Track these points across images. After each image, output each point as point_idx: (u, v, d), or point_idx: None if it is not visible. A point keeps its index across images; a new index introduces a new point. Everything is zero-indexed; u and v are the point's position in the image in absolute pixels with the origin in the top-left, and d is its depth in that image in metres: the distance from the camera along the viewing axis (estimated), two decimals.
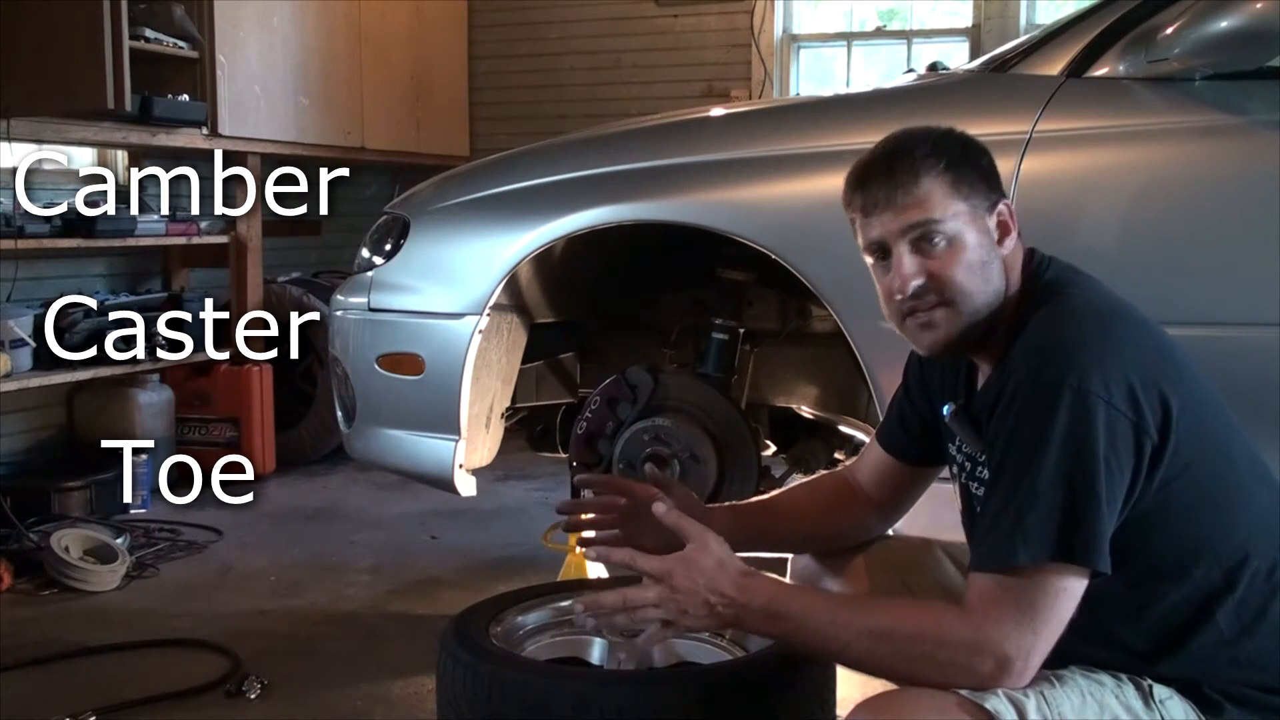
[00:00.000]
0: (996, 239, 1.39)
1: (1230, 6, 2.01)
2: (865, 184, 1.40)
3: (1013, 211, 1.41)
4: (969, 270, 1.37)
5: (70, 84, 3.52)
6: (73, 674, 2.61)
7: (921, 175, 1.37)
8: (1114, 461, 1.25)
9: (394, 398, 2.67)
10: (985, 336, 1.41)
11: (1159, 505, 1.30)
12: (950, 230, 1.37)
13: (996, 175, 1.42)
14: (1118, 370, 1.27)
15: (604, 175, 2.52)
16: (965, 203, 1.37)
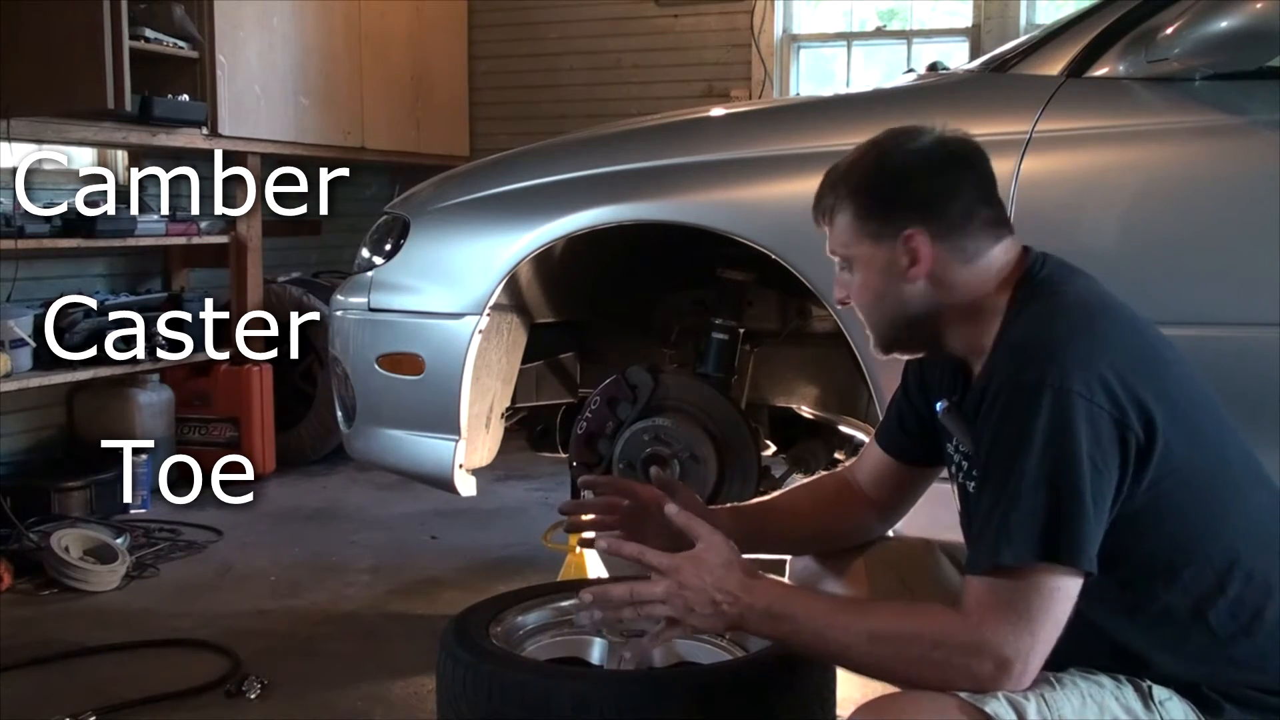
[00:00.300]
0: (905, 268, 1.43)
1: (1230, 6, 2.01)
2: (813, 212, 1.53)
3: (924, 240, 1.41)
4: (870, 298, 1.48)
5: (70, 84, 3.52)
6: (73, 674, 2.61)
7: (837, 215, 1.48)
8: (1099, 460, 1.26)
9: (394, 398, 2.67)
10: (937, 343, 1.48)
11: (1149, 505, 1.30)
12: (855, 261, 1.47)
13: (918, 197, 1.42)
14: (1100, 368, 1.27)
15: (604, 175, 2.52)
16: (868, 240, 1.45)
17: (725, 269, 2.68)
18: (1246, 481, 1.38)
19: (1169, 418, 1.29)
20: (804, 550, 1.77)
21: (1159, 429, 1.28)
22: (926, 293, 1.44)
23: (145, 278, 4.57)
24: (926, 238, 1.41)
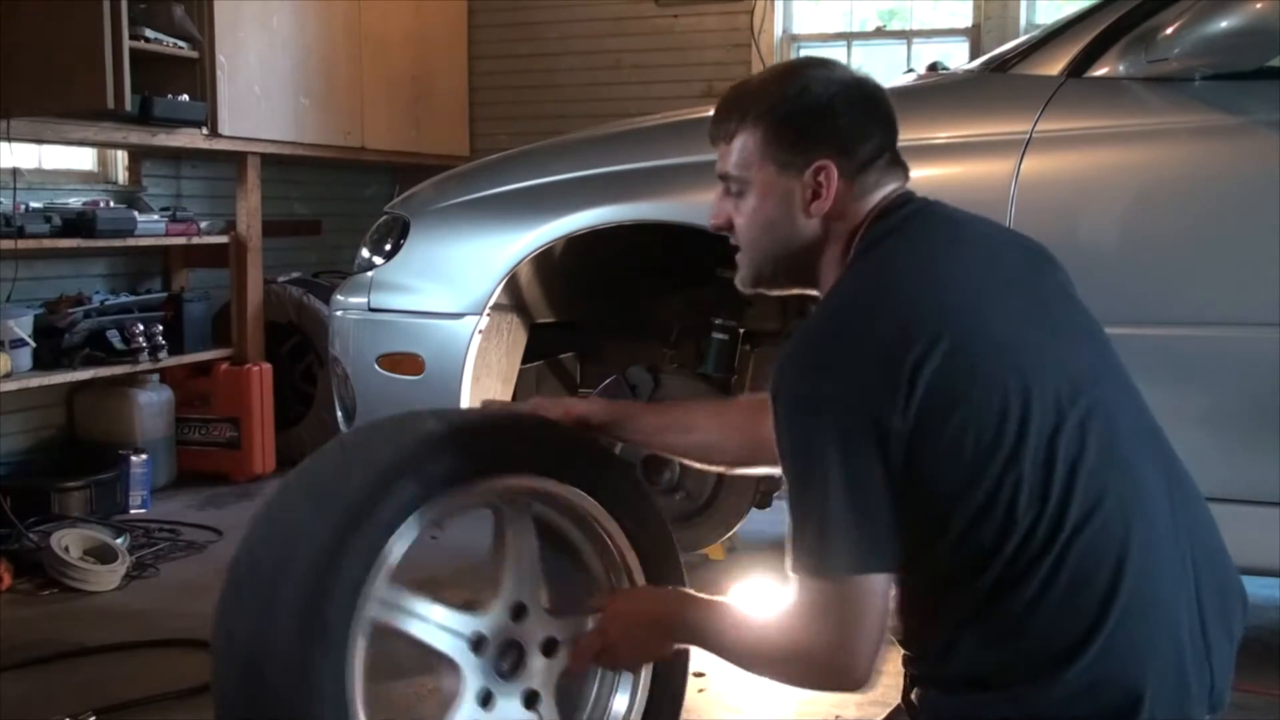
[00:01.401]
0: (806, 201, 1.41)
1: (1230, 6, 2.01)
2: (710, 125, 1.49)
3: (833, 174, 1.39)
4: (759, 226, 1.45)
5: (70, 84, 3.52)
6: (73, 674, 2.61)
7: (739, 133, 1.44)
8: (856, 462, 1.25)
9: (394, 398, 2.67)
10: (806, 284, 1.48)
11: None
12: (748, 184, 1.44)
13: (835, 131, 1.40)
14: (850, 359, 1.27)
15: (604, 175, 2.53)
16: (774, 166, 1.42)
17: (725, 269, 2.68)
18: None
19: (938, 379, 1.25)
20: (690, 458, 1.83)
21: (925, 398, 1.24)
22: (816, 229, 1.43)
23: (145, 278, 4.57)
24: (836, 173, 1.40)
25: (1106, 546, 1.25)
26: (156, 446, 4.16)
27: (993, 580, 1.26)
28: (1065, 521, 1.25)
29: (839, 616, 1.27)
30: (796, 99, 1.42)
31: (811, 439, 1.27)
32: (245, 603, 1.47)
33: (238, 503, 4.13)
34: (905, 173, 1.45)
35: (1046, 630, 1.25)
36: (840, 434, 1.26)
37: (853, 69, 1.48)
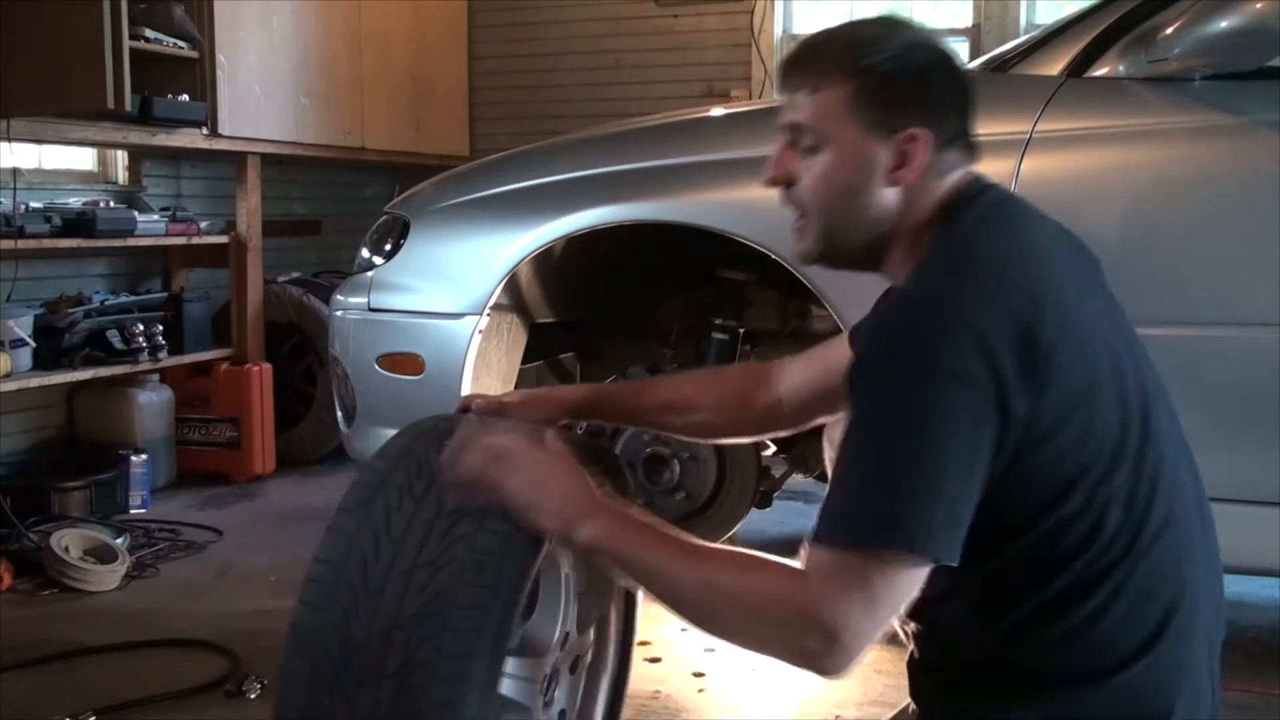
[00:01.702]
0: (889, 168, 1.31)
1: (1230, 6, 2.01)
2: (784, 70, 1.37)
3: (926, 144, 1.30)
4: (833, 189, 1.33)
5: (70, 84, 3.52)
6: (73, 674, 2.61)
7: (824, 79, 1.32)
8: (964, 445, 1.16)
9: (394, 398, 2.67)
10: (874, 261, 1.37)
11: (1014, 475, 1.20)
12: (825, 141, 1.32)
13: (931, 101, 1.31)
14: (978, 338, 1.16)
15: (604, 175, 2.53)
16: (858, 123, 1.31)
17: (725, 269, 2.69)
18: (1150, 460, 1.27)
19: (1056, 386, 1.19)
20: (676, 432, 1.76)
21: (1025, 401, 1.17)
22: (891, 202, 1.32)
23: (145, 278, 4.57)
24: (928, 143, 1.30)
25: (1171, 563, 1.25)
26: (156, 446, 4.16)
27: (1066, 584, 1.22)
28: (1143, 535, 1.23)
29: (867, 594, 1.15)
30: (898, 59, 1.31)
31: (925, 406, 1.15)
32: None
33: (238, 503, 4.13)
34: (977, 157, 1.37)
35: (1108, 639, 1.23)
36: (964, 412, 1.15)
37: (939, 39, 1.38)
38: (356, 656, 1.24)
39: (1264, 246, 2.06)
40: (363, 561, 1.28)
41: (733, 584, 1.22)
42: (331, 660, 1.25)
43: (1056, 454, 1.20)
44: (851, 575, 1.16)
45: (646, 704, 2.36)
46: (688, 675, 2.53)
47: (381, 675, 1.22)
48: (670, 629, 2.79)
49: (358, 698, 1.23)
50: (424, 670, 1.20)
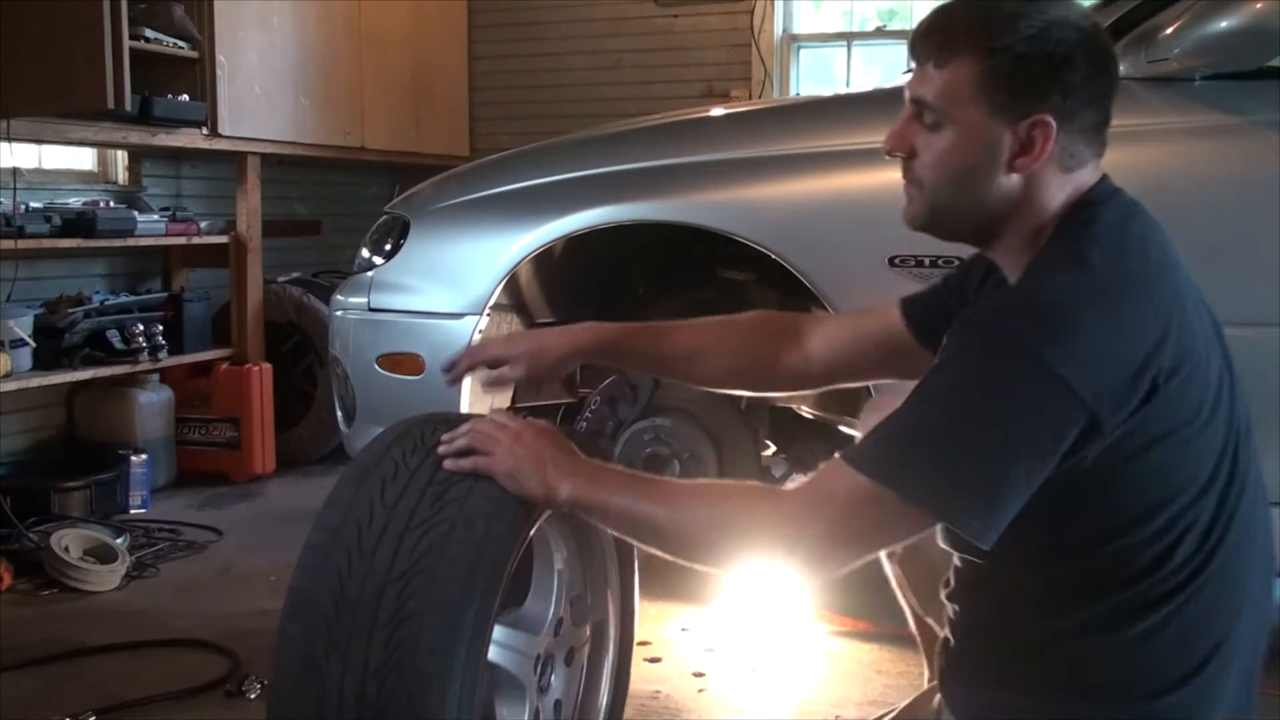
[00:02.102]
0: (1013, 153, 1.26)
1: (1230, 6, 2.01)
2: (915, 39, 1.32)
3: (1052, 133, 1.25)
4: (951, 169, 1.29)
5: (70, 84, 3.52)
6: (73, 674, 2.61)
7: (950, 61, 1.26)
8: (1036, 446, 1.15)
9: (394, 398, 2.67)
10: (986, 240, 1.35)
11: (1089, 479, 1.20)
12: (949, 121, 1.28)
13: (1065, 89, 1.24)
14: (1095, 352, 1.15)
15: (604, 175, 2.53)
16: (984, 105, 1.25)
17: (725, 269, 2.68)
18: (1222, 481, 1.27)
19: (1152, 410, 1.18)
20: (698, 382, 1.75)
21: (1102, 430, 1.17)
22: (1013, 189, 1.27)
23: (145, 278, 4.57)
24: (1054, 131, 1.24)
25: (1228, 595, 1.25)
26: (156, 446, 4.16)
27: (1129, 599, 1.23)
28: (1210, 565, 1.23)
29: (863, 524, 1.18)
30: (1034, 40, 1.23)
31: (1015, 395, 1.14)
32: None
33: (238, 503, 4.13)
34: (1102, 154, 1.32)
35: (1155, 661, 1.24)
36: (1051, 416, 1.14)
37: (1089, 14, 1.30)
38: (349, 613, 1.27)
39: (1264, 246, 2.06)
40: (358, 528, 1.31)
41: (730, 500, 1.28)
42: (326, 620, 1.29)
43: (1151, 472, 1.20)
44: (860, 504, 1.18)
45: (646, 704, 2.36)
46: (688, 675, 2.53)
47: (374, 628, 1.24)
48: (670, 629, 2.79)
49: (350, 653, 1.25)
50: (413, 621, 1.23)
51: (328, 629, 1.28)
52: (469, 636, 1.23)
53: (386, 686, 1.22)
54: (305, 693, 1.28)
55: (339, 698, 1.25)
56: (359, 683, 1.24)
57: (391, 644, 1.24)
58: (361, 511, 1.32)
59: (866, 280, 1.74)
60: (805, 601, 2.93)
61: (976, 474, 1.15)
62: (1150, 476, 1.20)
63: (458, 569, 1.25)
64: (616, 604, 1.83)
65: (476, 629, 1.24)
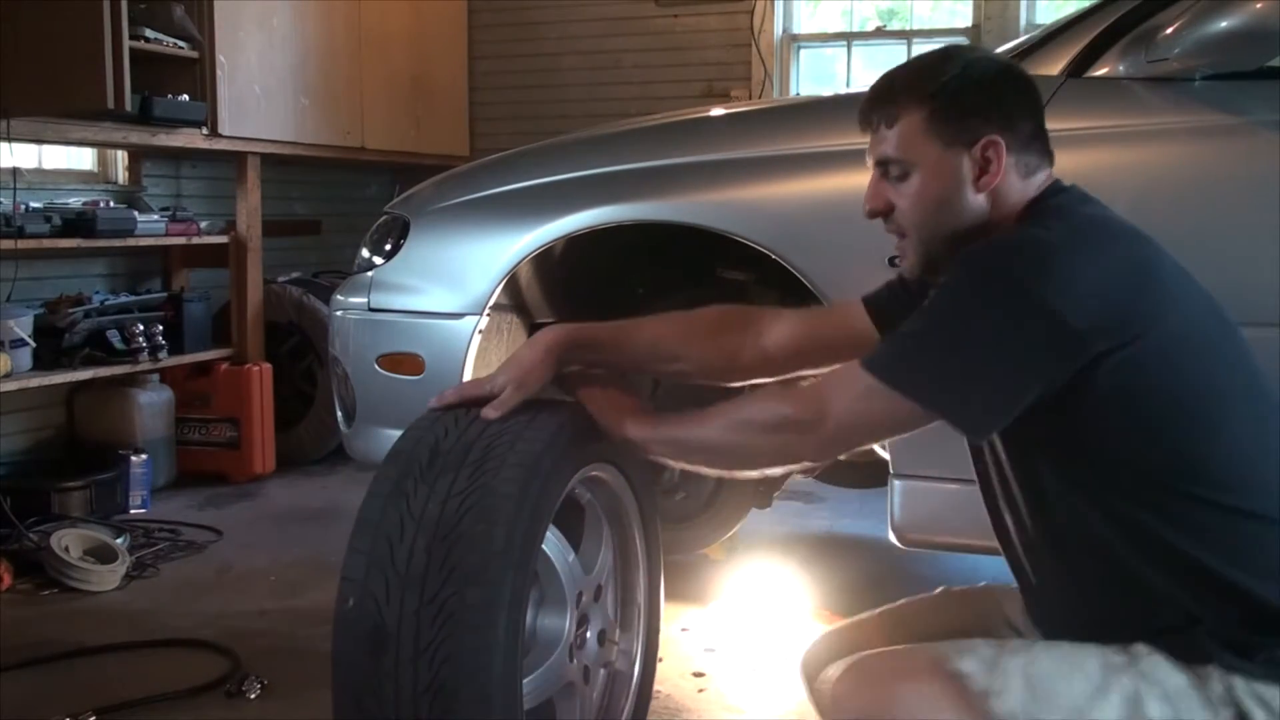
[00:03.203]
0: (975, 175, 1.43)
1: (1230, 6, 2.01)
2: (861, 109, 1.50)
3: (1002, 149, 1.42)
4: (928, 205, 1.45)
5: (70, 84, 3.52)
6: (73, 674, 2.61)
7: (898, 116, 1.44)
8: (1011, 346, 1.30)
9: (394, 398, 2.67)
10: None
11: (1114, 402, 1.31)
12: (913, 167, 1.44)
13: (999, 108, 1.43)
14: (1074, 282, 1.30)
15: (604, 175, 2.53)
16: (938, 142, 1.43)
17: (725, 269, 2.68)
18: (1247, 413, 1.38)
19: (1152, 340, 1.31)
20: (658, 373, 1.96)
21: (1129, 346, 1.30)
22: (982, 207, 1.44)
23: (145, 278, 4.57)
24: (1003, 148, 1.42)
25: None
26: (156, 446, 4.16)
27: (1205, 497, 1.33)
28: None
29: (869, 414, 1.37)
30: (960, 77, 1.43)
31: (992, 308, 1.30)
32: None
33: (238, 503, 4.14)
34: (1052, 161, 1.49)
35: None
36: (1038, 339, 1.29)
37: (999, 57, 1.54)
38: (440, 460, 1.53)
39: (1264, 246, 2.06)
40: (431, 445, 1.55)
41: (744, 424, 1.46)
42: (419, 463, 1.53)
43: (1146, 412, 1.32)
44: (864, 397, 1.37)
45: None
46: (688, 675, 2.53)
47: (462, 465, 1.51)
48: (671, 629, 2.79)
49: (437, 483, 1.50)
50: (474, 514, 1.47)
51: (430, 460, 1.52)
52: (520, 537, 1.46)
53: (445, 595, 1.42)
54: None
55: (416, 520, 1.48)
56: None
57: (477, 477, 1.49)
58: (422, 452, 1.54)
59: (866, 280, 1.74)
60: (805, 601, 2.93)
61: (959, 372, 1.33)
62: (1148, 415, 1.33)
63: (512, 486, 1.48)
64: (645, 592, 1.98)
65: (527, 539, 1.47)
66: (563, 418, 1.62)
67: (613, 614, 1.92)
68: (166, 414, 4.28)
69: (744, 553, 3.32)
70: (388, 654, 1.41)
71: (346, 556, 1.50)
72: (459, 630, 1.39)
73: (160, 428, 4.23)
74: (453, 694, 1.39)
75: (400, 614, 1.42)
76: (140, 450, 4.00)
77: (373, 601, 1.44)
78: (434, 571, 1.42)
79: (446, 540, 1.43)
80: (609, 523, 1.90)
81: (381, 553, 1.46)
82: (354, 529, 1.51)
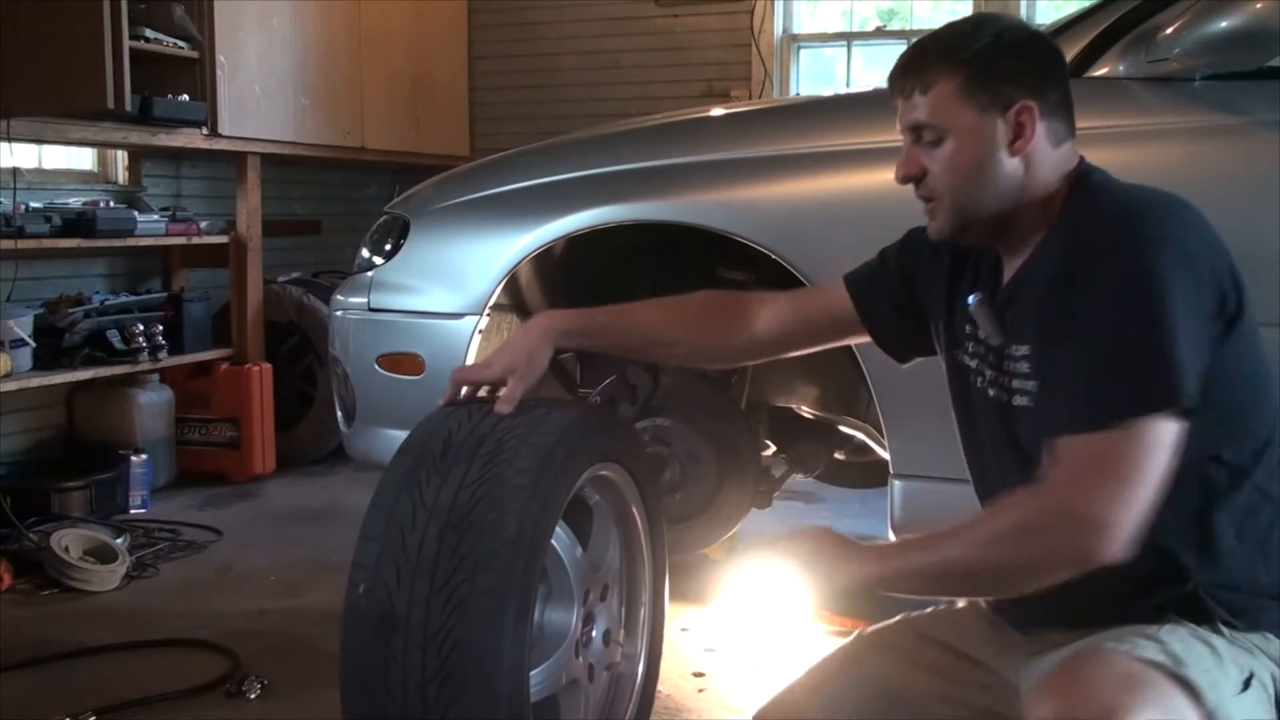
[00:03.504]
0: (1009, 140, 1.43)
1: (1230, 6, 2.01)
2: (891, 76, 1.51)
3: (1035, 114, 1.42)
4: (962, 169, 1.44)
5: (70, 84, 3.52)
6: (73, 674, 2.61)
7: (933, 82, 1.44)
8: (1188, 306, 1.29)
9: (394, 398, 2.67)
10: (1002, 229, 1.47)
11: (1221, 365, 1.33)
12: (948, 134, 1.44)
13: (1031, 74, 1.44)
14: (1185, 233, 1.33)
15: (604, 175, 2.52)
16: (972, 107, 1.43)
17: (725, 269, 2.68)
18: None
19: (1245, 299, 1.36)
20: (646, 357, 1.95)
21: (1244, 302, 1.35)
22: (1017, 172, 1.44)
23: (145, 278, 4.57)
24: (1036, 112, 1.42)
25: None
26: (156, 446, 4.16)
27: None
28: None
29: (1117, 473, 1.25)
30: (993, 44, 1.44)
31: (1145, 281, 1.28)
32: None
33: (238, 503, 4.14)
34: (1074, 130, 1.49)
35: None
36: (1179, 277, 1.29)
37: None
38: (453, 451, 1.55)
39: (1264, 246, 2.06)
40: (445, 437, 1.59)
41: (991, 532, 1.33)
42: (432, 454, 1.55)
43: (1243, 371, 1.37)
44: (1107, 460, 1.26)
45: None
46: (688, 675, 2.53)
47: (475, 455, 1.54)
48: (671, 629, 2.79)
49: (450, 473, 1.52)
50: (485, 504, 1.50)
51: (443, 449, 1.55)
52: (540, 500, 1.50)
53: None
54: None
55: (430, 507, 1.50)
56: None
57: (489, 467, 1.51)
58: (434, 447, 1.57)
59: None
60: (805, 601, 2.93)
61: (1171, 358, 1.27)
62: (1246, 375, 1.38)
63: (525, 477, 1.51)
64: (649, 594, 2.00)
65: (537, 530, 1.49)
66: (574, 414, 1.63)
67: (618, 615, 1.92)
68: (166, 414, 4.28)
69: (744, 553, 3.32)
70: (396, 640, 1.43)
71: (358, 544, 1.50)
72: (469, 617, 1.41)
73: (160, 428, 4.23)
74: (460, 680, 1.40)
75: (410, 600, 1.43)
76: (140, 450, 4.00)
77: (383, 588, 1.45)
78: (445, 558, 1.43)
79: (458, 528, 1.45)
80: (616, 523, 1.91)
81: (393, 540, 1.47)
82: (366, 517, 1.52)
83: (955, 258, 1.59)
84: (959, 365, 1.58)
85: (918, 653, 1.59)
